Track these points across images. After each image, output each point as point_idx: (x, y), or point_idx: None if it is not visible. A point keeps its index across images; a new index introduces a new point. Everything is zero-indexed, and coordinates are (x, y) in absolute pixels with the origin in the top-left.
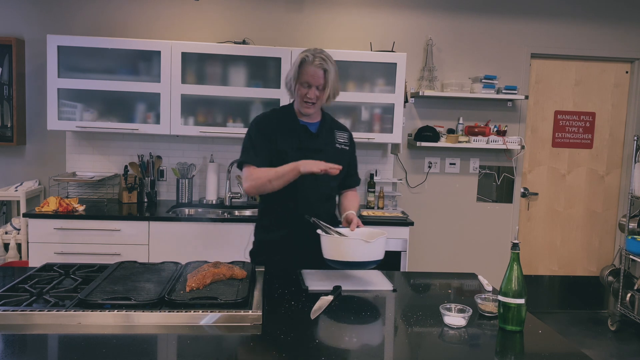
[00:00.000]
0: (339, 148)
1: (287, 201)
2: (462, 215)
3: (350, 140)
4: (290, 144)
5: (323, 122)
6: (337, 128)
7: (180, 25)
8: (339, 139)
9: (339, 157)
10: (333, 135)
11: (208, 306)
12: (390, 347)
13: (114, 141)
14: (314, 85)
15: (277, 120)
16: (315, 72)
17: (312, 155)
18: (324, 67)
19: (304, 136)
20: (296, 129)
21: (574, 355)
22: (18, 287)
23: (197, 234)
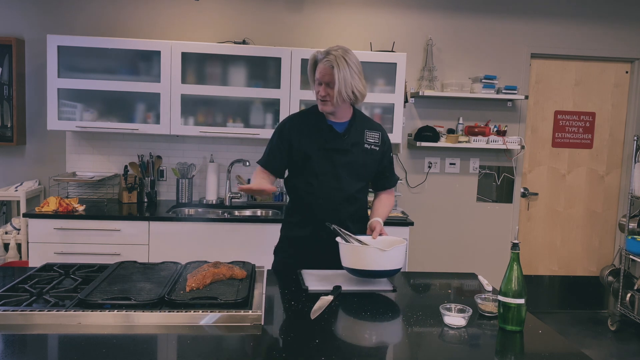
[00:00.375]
0: (367, 148)
1: (309, 201)
2: (462, 215)
3: (383, 140)
4: (315, 145)
5: (352, 121)
6: (368, 127)
7: (180, 25)
8: (368, 138)
9: (366, 157)
10: (362, 135)
11: (208, 306)
12: (390, 347)
13: (114, 141)
14: (324, 82)
15: (304, 121)
16: (323, 69)
17: (336, 156)
18: (331, 64)
19: (329, 136)
20: (322, 129)
21: (574, 355)
22: (18, 287)
23: (197, 234)
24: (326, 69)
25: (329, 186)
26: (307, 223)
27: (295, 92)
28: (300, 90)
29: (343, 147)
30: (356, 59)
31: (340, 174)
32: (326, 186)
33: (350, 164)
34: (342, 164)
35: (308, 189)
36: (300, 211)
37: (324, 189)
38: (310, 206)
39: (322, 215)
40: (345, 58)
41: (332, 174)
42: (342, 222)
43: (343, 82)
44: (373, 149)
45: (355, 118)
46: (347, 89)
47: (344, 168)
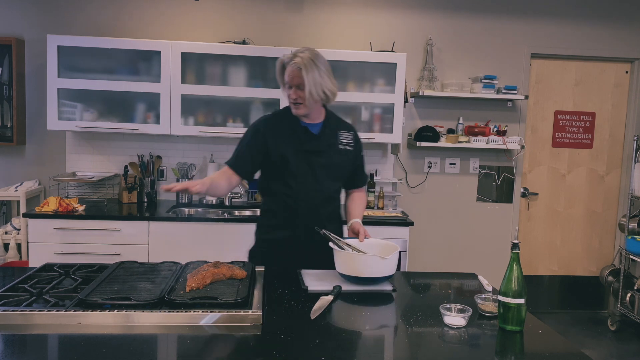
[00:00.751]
0: (342, 149)
1: (289, 204)
2: (462, 215)
3: (356, 139)
4: (292, 147)
5: (326, 122)
6: (341, 128)
7: (180, 25)
8: (342, 139)
9: (341, 157)
10: (336, 135)
11: (208, 306)
12: (390, 347)
13: (114, 141)
14: (294, 85)
15: (278, 123)
16: (291, 72)
17: (313, 157)
18: (299, 66)
19: (305, 138)
20: (297, 130)
21: (574, 355)
22: (18, 287)
23: (197, 234)
24: (294, 72)
25: (308, 188)
26: (286, 225)
27: None
28: None
29: (319, 149)
30: (324, 60)
31: (318, 175)
32: (305, 188)
33: (327, 165)
34: (320, 165)
35: (287, 191)
36: (279, 213)
37: (303, 191)
38: (289, 208)
39: (302, 217)
40: (312, 59)
41: (311, 175)
42: (321, 222)
43: (312, 83)
44: (347, 149)
45: (328, 119)
46: (318, 90)
47: (322, 169)
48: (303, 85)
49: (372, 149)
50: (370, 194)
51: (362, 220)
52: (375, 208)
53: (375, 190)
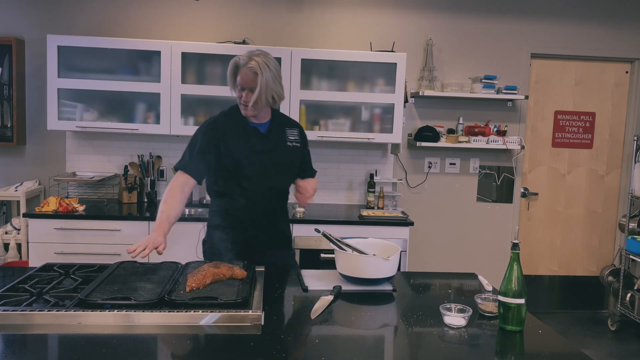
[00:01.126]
0: (290, 146)
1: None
2: (462, 215)
3: (301, 135)
4: (244, 148)
5: (272, 121)
6: (287, 125)
7: (180, 25)
8: (289, 136)
9: (290, 154)
10: (284, 133)
11: (208, 306)
12: (390, 347)
13: (114, 141)
14: (246, 88)
15: (228, 124)
16: (245, 75)
17: (264, 157)
18: (254, 70)
19: (255, 138)
20: (247, 131)
21: (574, 355)
22: (18, 287)
23: (197, 234)
24: (249, 75)
25: (262, 186)
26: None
27: (296, 92)
28: (300, 90)
29: (269, 148)
30: (276, 63)
31: (271, 173)
32: (259, 187)
33: (278, 163)
34: (271, 164)
35: (241, 192)
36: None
37: (258, 190)
38: (244, 209)
39: (257, 216)
40: (267, 64)
41: (264, 174)
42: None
43: (265, 88)
44: (295, 146)
45: (274, 118)
46: (268, 95)
47: (273, 167)
48: (255, 88)
49: (372, 149)
50: (370, 194)
51: (362, 221)
52: (375, 208)
53: (375, 190)
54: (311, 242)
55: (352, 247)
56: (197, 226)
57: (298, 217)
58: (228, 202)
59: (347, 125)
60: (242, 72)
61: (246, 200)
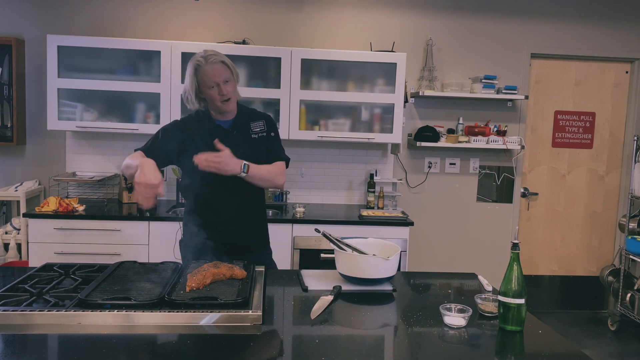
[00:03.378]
0: (254, 138)
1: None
2: (462, 215)
3: (268, 124)
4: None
5: (237, 117)
6: (252, 119)
7: (180, 25)
8: (253, 129)
9: (257, 146)
10: (248, 127)
11: (208, 306)
12: (390, 347)
13: (114, 141)
14: (221, 81)
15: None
16: (215, 69)
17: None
18: (220, 60)
19: (217, 135)
20: (211, 129)
21: (574, 355)
22: (18, 287)
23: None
24: (218, 68)
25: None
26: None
27: (295, 92)
28: (300, 90)
29: (233, 143)
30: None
31: None
32: (226, 184)
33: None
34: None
35: (209, 190)
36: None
37: (225, 188)
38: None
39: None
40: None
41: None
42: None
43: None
44: (261, 136)
45: (240, 113)
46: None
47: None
48: (229, 77)
49: (372, 149)
50: (370, 194)
51: (362, 221)
52: (375, 208)
53: (375, 190)
54: (311, 242)
55: (352, 247)
56: (175, 226)
57: (298, 217)
58: (198, 201)
59: (347, 125)
60: (209, 69)
61: (214, 198)
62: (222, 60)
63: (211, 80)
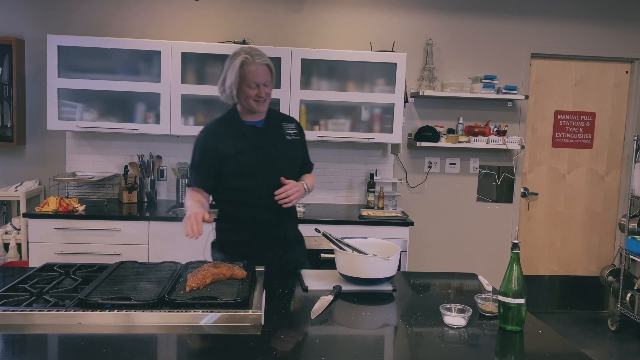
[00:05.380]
0: (289, 140)
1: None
2: (462, 215)
3: (299, 129)
4: (241, 146)
5: (268, 118)
6: (283, 121)
7: (180, 25)
8: (287, 130)
9: (291, 148)
10: (281, 128)
11: (208, 306)
12: (390, 347)
13: (114, 141)
14: (262, 83)
15: (223, 128)
16: (259, 70)
17: (265, 152)
18: (267, 63)
19: (252, 135)
20: (243, 130)
21: (574, 355)
22: (18, 287)
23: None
24: (263, 69)
25: (265, 183)
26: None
27: (295, 92)
28: (300, 90)
29: (270, 143)
30: None
31: (273, 169)
32: (263, 185)
33: (279, 157)
34: (272, 159)
35: (245, 190)
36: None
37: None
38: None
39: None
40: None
41: (266, 170)
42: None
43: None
44: (294, 139)
45: (270, 114)
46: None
47: (275, 162)
48: (269, 81)
49: (372, 149)
50: (370, 194)
51: (362, 221)
52: (375, 208)
53: (375, 190)
54: (311, 242)
55: (352, 247)
56: (175, 226)
57: (298, 217)
58: (232, 205)
59: (347, 125)
60: (255, 69)
61: (251, 198)
62: (268, 64)
63: (253, 80)
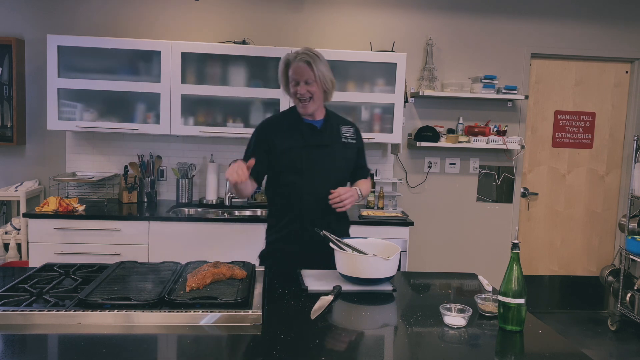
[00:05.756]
0: (345, 142)
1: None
2: (462, 215)
3: (357, 134)
4: (295, 142)
5: (327, 118)
6: (342, 123)
7: (180, 25)
8: (344, 133)
9: (346, 150)
10: (339, 130)
11: (208, 306)
12: (390, 347)
13: (114, 141)
14: (302, 81)
15: (281, 121)
16: (298, 67)
17: (318, 152)
18: (306, 60)
19: (308, 133)
20: (300, 127)
21: (574, 355)
22: (18, 287)
23: (197, 234)
24: (302, 67)
25: (314, 182)
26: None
27: None
28: None
29: (324, 143)
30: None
31: (324, 169)
32: (311, 183)
33: (332, 158)
34: (325, 159)
35: (293, 188)
36: (286, 212)
37: (310, 186)
38: (296, 206)
39: (309, 213)
40: (315, 53)
41: (317, 169)
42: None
43: (322, 73)
44: (350, 142)
45: (329, 116)
46: (326, 79)
47: (327, 163)
48: (312, 79)
49: (372, 149)
50: (370, 193)
51: (362, 221)
52: (375, 208)
53: (375, 190)
54: None
55: (352, 247)
56: (175, 226)
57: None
58: (281, 201)
59: None
60: (293, 67)
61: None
62: (308, 61)
63: (293, 78)
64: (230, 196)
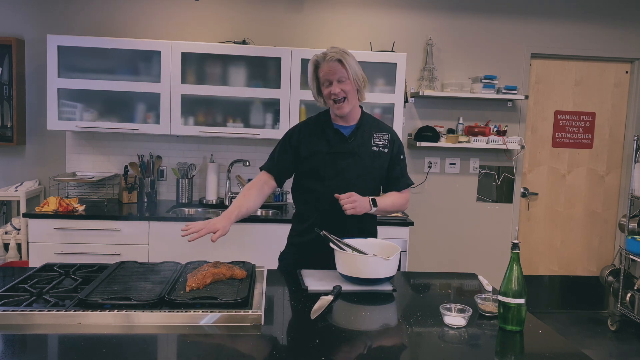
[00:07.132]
0: (375, 151)
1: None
2: (462, 215)
3: (392, 141)
4: (321, 149)
5: (360, 124)
6: (376, 130)
7: (180, 25)
8: (376, 141)
9: (374, 159)
10: (370, 137)
11: (208, 306)
12: (390, 347)
13: (114, 141)
14: (334, 79)
15: (311, 127)
16: (329, 67)
17: (342, 159)
18: (337, 58)
19: (335, 140)
20: (328, 133)
21: (574, 355)
22: (18, 287)
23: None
24: (333, 65)
25: (336, 190)
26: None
27: (295, 92)
28: (300, 90)
29: (349, 150)
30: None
31: (347, 177)
32: (333, 190)
33: (356, 167)
34: (350, 167)
35: (314, 194)
36: (307, 217)
37: (331, 193)
38: (318, 211)
39: (329, 220)
40: (343, 50)
41: (340, 177)
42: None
43: (354, 69)
44: (382, 151)
45: (362, 120)
46: (358, 75)
47: (352, 171)
48: (344, 76)
49: None
50: None
51: None
52: None
53: None
54: None
55: (352, 247)
56: (175, 226)
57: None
58: (303, 206)
59: None
60: (324, 67)
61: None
62: (339, 59)
63: (325, 78)
64: (230, 196)
